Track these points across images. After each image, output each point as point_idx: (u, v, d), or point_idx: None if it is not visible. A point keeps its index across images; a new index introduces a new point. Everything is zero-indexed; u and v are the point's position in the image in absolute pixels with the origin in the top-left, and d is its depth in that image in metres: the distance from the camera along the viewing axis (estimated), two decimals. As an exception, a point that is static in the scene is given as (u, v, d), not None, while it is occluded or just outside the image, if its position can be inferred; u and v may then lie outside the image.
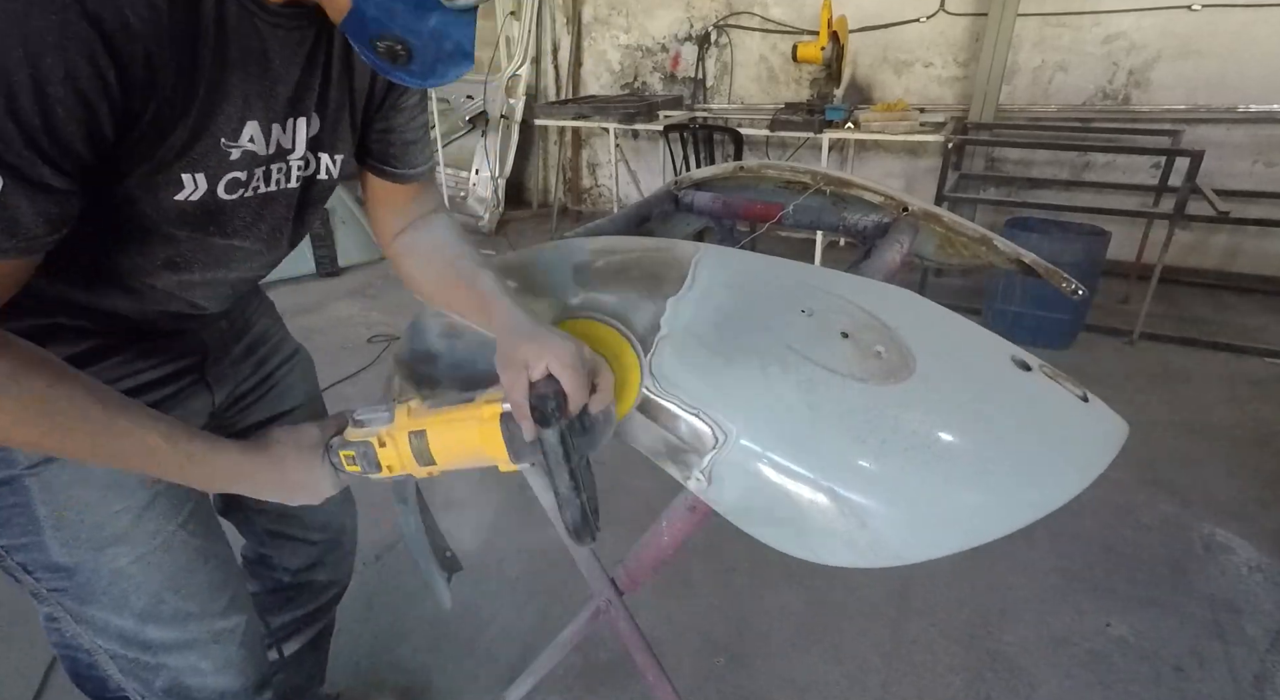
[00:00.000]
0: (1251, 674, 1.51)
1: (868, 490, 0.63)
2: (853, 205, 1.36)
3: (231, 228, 0.68)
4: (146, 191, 0.59)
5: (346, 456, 0.71)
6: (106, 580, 0.73)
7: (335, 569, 1.17)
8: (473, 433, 0.69)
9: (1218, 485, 2.11)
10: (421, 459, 0.70)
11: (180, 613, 0.78)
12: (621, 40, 4.84)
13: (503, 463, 0.69)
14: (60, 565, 0.72)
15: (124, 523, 0.72)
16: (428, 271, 0.86)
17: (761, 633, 1.64)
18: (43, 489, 0.68)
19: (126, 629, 0.76)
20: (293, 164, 0.70)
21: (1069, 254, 2.81)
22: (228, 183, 0.64)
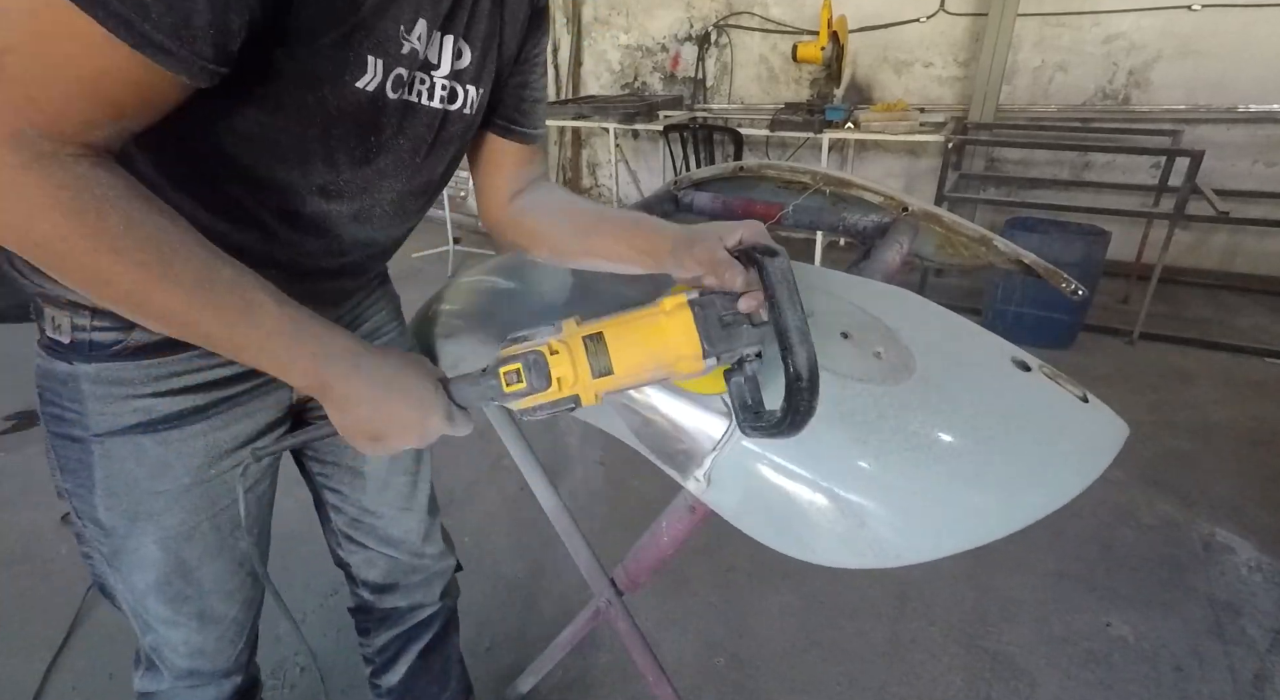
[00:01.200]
0: (1251, 674, 1.51)
1: (867, 491, 0.63)
2: (852, 205, 1.36)
3: (382, 138, 0.66)
4: (335, 68, 0.57)
5: (508, 372, 0.60)
6: (132, 547, 0.77)
7: (419, 592, 1.11)
8: (657, 326, 0.61)
9: (1218, 485, 2.11)
10: (598, 367, 0.60)
11: (180, 595, 0.81)
12: (621, 40, 4.84)
13: (690, 360, 0.60)
14: (100, 522, 0.76)
15: (159, 505, 0.75)
16: (563, 223, 0.84)
17: (761, 633, 1.64)
18: (103, 456, 0.72)
19: (135, 590, 0.80)
20: (437, 81, 0.68)
21: (1069, 254, 2.81)
22: (394, 79, 0.61)
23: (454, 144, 0.77)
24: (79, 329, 0.68)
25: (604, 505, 2.08)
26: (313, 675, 1.53)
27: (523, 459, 1.18)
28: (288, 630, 1.63)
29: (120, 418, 0.71)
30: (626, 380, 0.61)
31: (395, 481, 1.00)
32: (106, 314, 0.67)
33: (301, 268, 0.72)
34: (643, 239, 0.76)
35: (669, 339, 0.60)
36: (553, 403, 0.61)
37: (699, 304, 0.61)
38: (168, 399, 0.72)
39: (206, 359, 0.73)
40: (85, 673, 1.54)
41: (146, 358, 0.70)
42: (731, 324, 0.60)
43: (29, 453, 2.28)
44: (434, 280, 4.04)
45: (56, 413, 0.72)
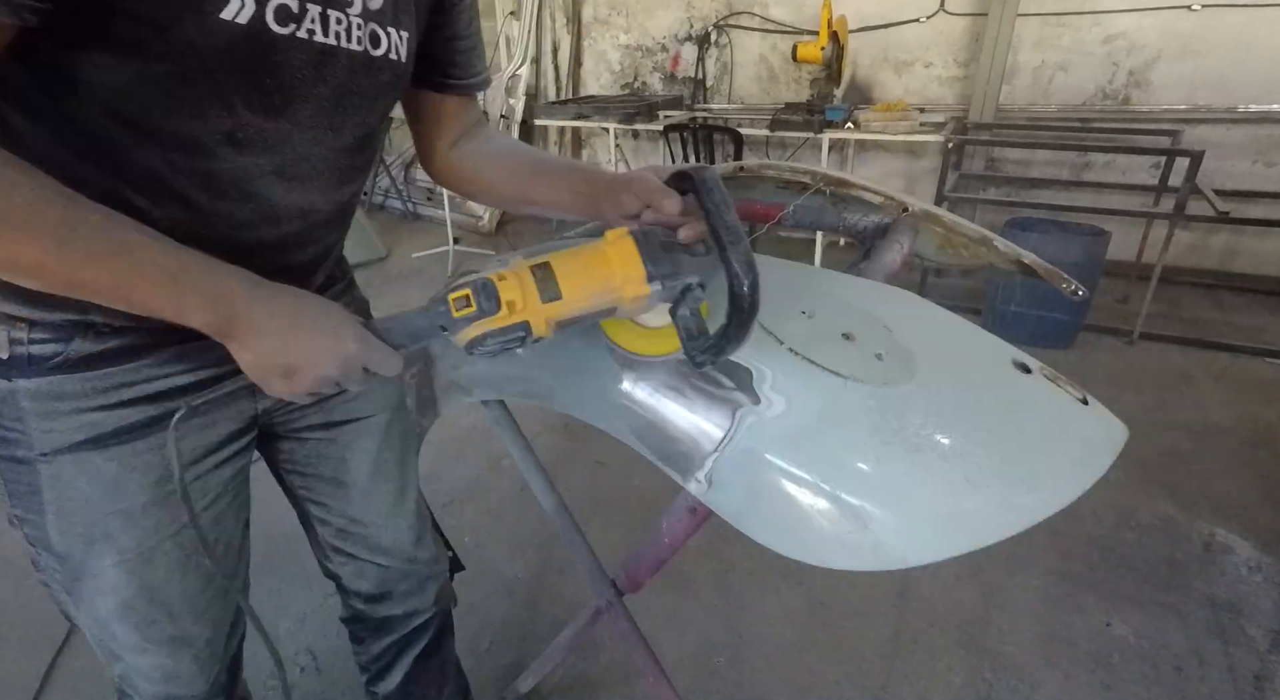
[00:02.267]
0: (1251, 674, 1.51)
1: (869, 493, 0.63)
2: (853, 206, 1.35)
3: (289, 81, 0.61)
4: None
5: (457, 298, 0.60)
6: (90, 573, 0.74)
7: (413, 598, 1.09)
8: (601, 254, 0.62)
9: (1218, 485, 2.11)
10: (546, 293, 0.60)
11: (146, 619, 0.78)
12: (621, 40, 4.84)
13: (635, 283, 0.62)
14: (53, 548, 0.72)
15: (116, 525, 0.72)
16: (502, 170, 0.85)
17: (761, 633, 1.64)
18: (52, 477, 0.69)
19: (99, 618, 0.77)
20: (352, 19, 0.63)
21: (1069, 254, 2.82)
22: (276, 8, 0.56)
23: (386, 94, 0.72)
24: (16, 343, 0.64)
25: (603, 506, 2.08)
26: (311, 677, 1.53)
27: (523, 459, 1.18)
28: (286, 631, 1.63)
29: (65, 435, 0.67)
30: (575, 305, 0.62)
31: (380, 489, 0.97)
32: (44, 325, 0.65)
33: (238, 243, 0.67)
34: (582, 183, 0.76)
35: (614, 265, 0.62)
36: (502, 330, 0.60)
37: (640, 233, 0.63)
38: (117, 412, 0.69)
39: (159, 368, 0.70)
40: (85, 673, 1.54)
41: (89, 369, 0.67)
42: (672, 251, 0.63)
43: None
44: (434, 280, 4.05)
45: (0, 433, 0.68)
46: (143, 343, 0.69)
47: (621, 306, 0.64)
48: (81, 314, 0.65)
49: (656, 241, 0.63)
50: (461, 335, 0.60)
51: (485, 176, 0.86)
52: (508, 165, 0.85)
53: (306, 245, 0.76)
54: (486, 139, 0.88)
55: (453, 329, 0.60)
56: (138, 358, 0.69)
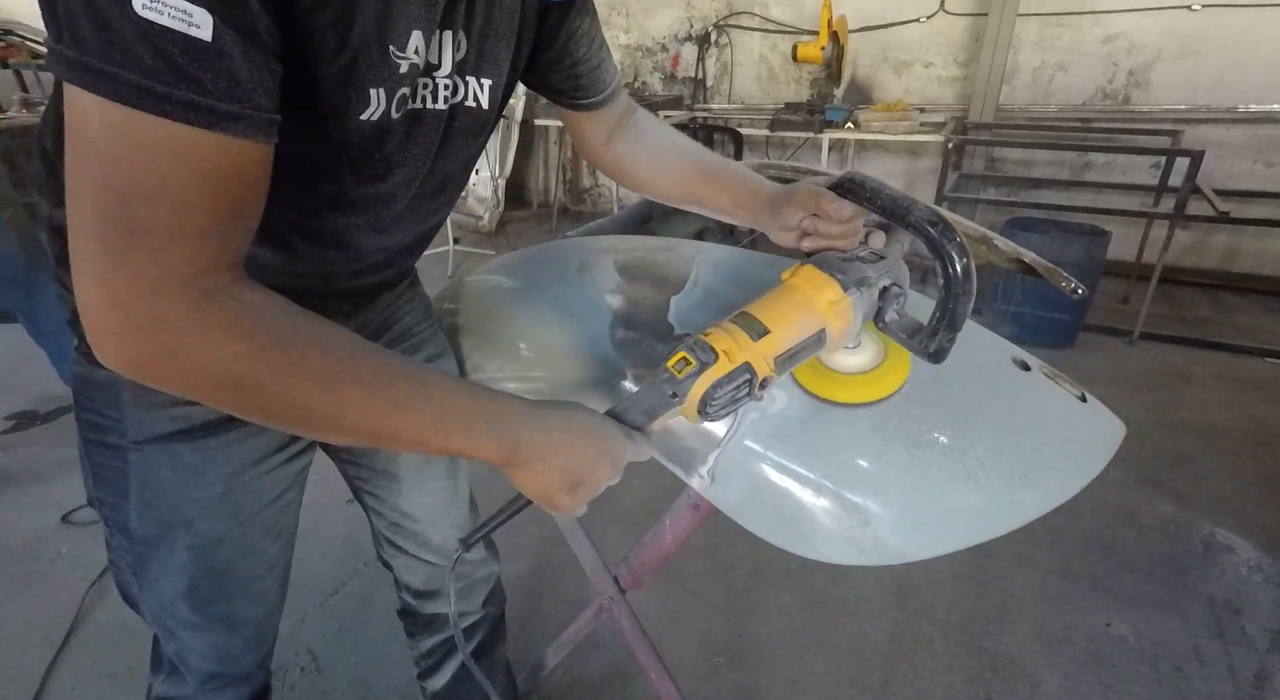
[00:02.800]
0: (1251, 674, 1.51)
1: (869, 490, 0.63)
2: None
3: (391, 153, 0.64)
4: (337, 103, 0.55)
5: (676, 363, 0.61)
6: (162, 557, 0.77)
7: (460, 601, 1.10)
8: (791, 287, 0.64)
9: (1218, 485, 2.11)
10: (753, 331, 0.61)
11: (208, 600, 0.81)
12: (621, 40, 4.84)
13: (835, 302, 0.62)
14: (132, 532, 0.75)
15: (193, 511, 0.75)
16: (663, 173, 0.88)
17: (761, 632, 1.64)
18: (140, 464, 0.72)
19: (163, 597, 0.80)
20: (439, 82, 0.65)
21: (1069, 254, 2.82)
22: (399, 99, 0.60)
23: (467, 139, 0.74)
24: None
25: (603, 504, 2.08)
26: (311, 677, 1.53)
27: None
28: (286, 631, 1.63)
29: (158, 425, 0.70)
30: (785, 336, 0.61)
31: (431, 486, 0.99)
32: None
33: (325, 275, 0.73)
34: (745, 194, 0.79)
35: (806, 290, 0.63)
36: (728, 377, 0.60)
37: (815, 259, 0.65)
38: (204, 407, 0.69)
39: None
40: (85, 673, 1.54)
41: None
42: (851, 260, 0.64)
43: (29, 452, 2.28)
44: (434, 281, 4.04)
45: (93, 419, 0.71)
46: None
47: (829, 327, 0.63)
48: None
49: (834, 258, 0.64)
50: (691, 395, 0.60)
51: (647, 175, 0.90)
52: (670, 165, 0.88)
53: (384, 270, 0.82)
54: (640, 136, 0.91)
55: (681, 391, 0.60)
56: None
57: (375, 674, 1.54)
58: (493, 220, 4.80)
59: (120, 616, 1.67)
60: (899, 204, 0.61)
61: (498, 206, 4.81)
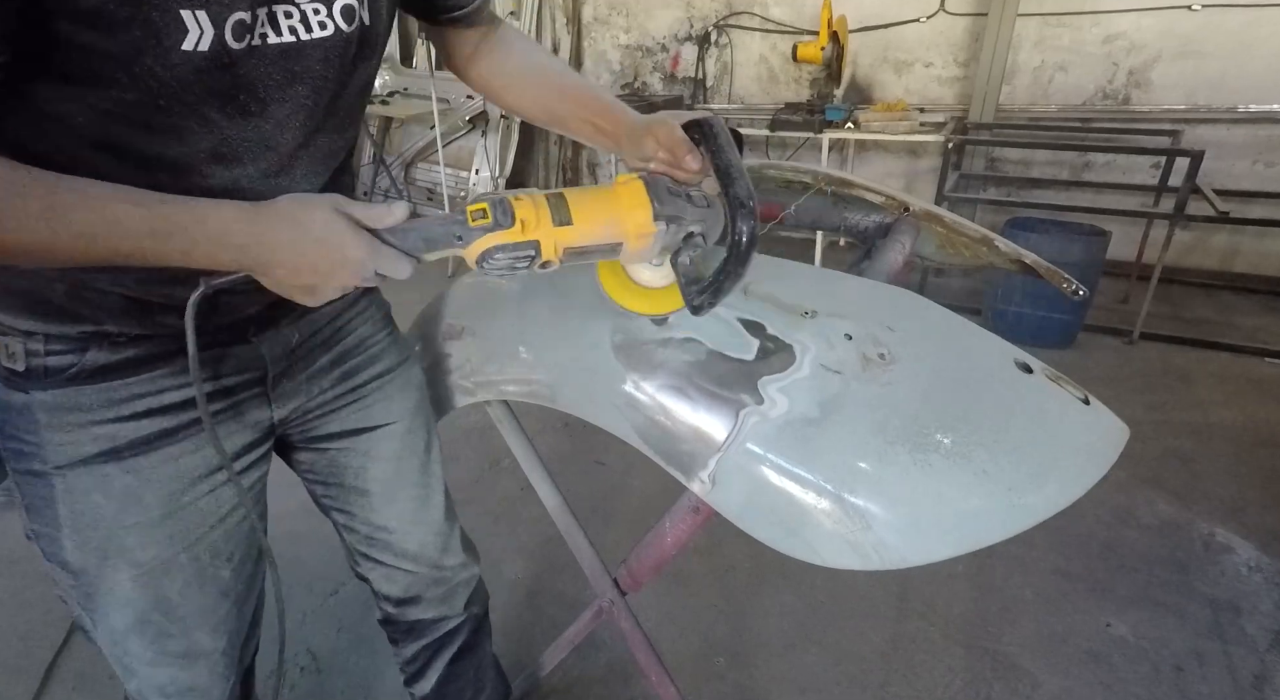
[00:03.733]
0: (1251, 674, 1.51)
1: (871, 494, 0.63)
2: (854, 205, 1.35)
3: (261, 89, 0.60)
4: (143, 37, 0.52)
5: (475, 210, 0.62)
6: (105, 588, 0.73)
7: (441, 605, 1.08)
8: (613, 193, 0.66)
9: (1218, 485, 2.11)
10: (558, 216, 0.63)
11: (162, 633, 0.77)
12: (621, 40, 4.84)
13: (643, 222, 0.66)
14: (69, 564, 0.72)
15: (131, 539, 0.71)
16: (526, 89, 0.88)
17: (761, 633, 1.64)
18: (66, 491, 0.68)
19: (114, 631, 0.76)
20: (306, 8, 0.61)
21: (1069, 254, 2.81)
22: (233, 25, 0.55)
23: (362, 66, 0.70)
24: (33, 354, 0.64)
25: (603, 505, 2.08)
26: (311, 677, 1.53)
27: (525, 457, 1.18)
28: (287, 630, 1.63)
29: (80, 447, 0.67)
30: (584, 234, 0.64)
31: (403, 495, 0.97)
32: (61, 337, 0.65)
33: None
34: (606, 120, 0.79)
35: (623, 202, 0.66)
36: (514, 246, 0.62)
37: (649, 178, 0.68)
38: (131, 423, 0.68)
39: (172, 379, 0.69)
40: (85, 673, 1.54)
41: (104, 380, 0.66)
42: (677, 195, 0.67)
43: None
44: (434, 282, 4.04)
45: (16, 447, 0.68)
46: (158, 351, 0.69)
47: (627, 243, 0.66)
48: (97, 325, 0.66)
49: (664, 187, 0.67)
50: (474, 246, 0.62)
51: (513, 95, 0.88)
52: (535, 84, 0.87)
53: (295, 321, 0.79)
54: (506, 53, 0.88)
55: (467, 238, 0.62)
56: (153, 368, 0.68)
57: (375, 674, 1.54)
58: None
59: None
60: (730, 170, 0.63)
61: (497, 206, 4.80)
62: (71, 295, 0.64)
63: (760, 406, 0.68)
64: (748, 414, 0.69)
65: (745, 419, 0.69)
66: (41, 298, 0.64)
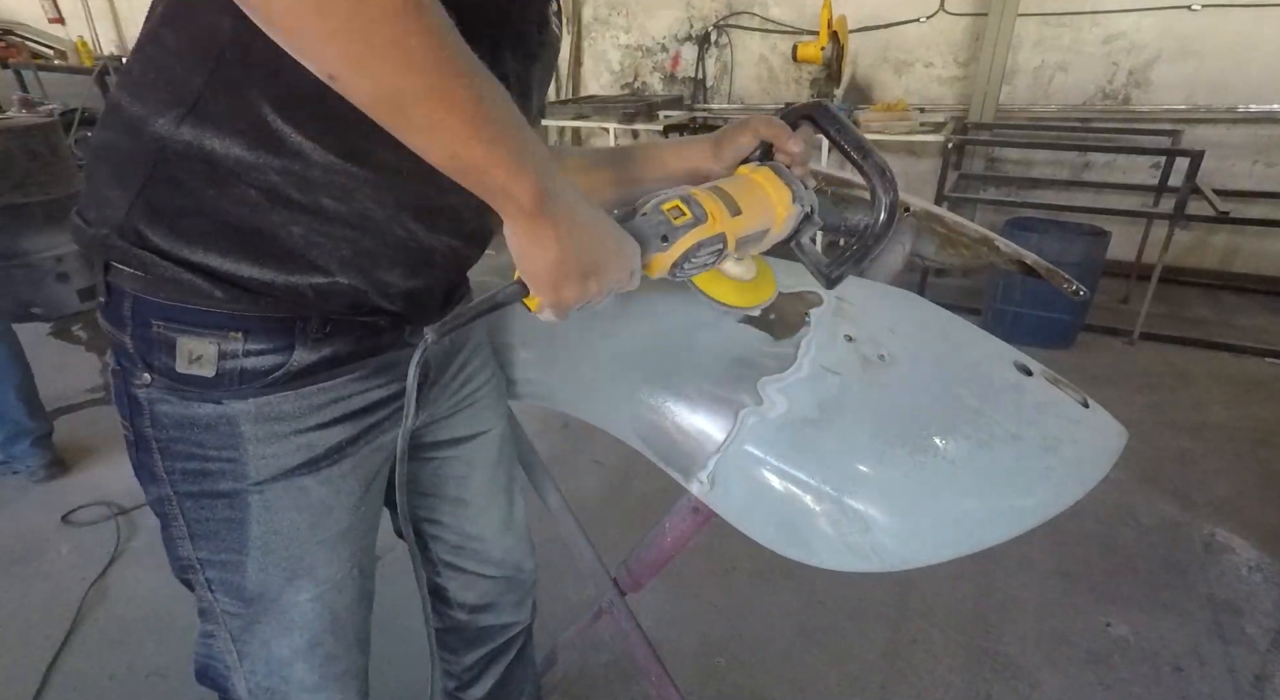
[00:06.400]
0: (1251, 674, 1.51)
1: (870, 496, 0.63)
2: (854, 206, 1.35)
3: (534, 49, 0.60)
4: None
5: (671, 208, 0.60)
6: (282, 610, 0.68)
7: (514, 611, 1.07)
8: (752, 181, 0.67)
9: (1218, 485, 2.11)
10: (731, 207, 0.63)
11: (330, 655, 0.74)
12: (621, 40, 4.84)
13: (785, 204, 0.67)
14: (245, 592, 0.66)
15: (320, 555, 0.68)
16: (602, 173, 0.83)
17: (761, 633, 1.64)
18: (263, 508, 0.63)
19: (277, 660, 0.71)
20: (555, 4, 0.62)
21: (1069, 254, 2.82)
22: None
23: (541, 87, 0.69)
24: (228, 356, 0.57)
25: (603, 506, 2.08)
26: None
27: (525, 458, 1.18)
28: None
29: (283, 459, 0.62)
30: (750, 221, 0.65)
31: (496, 502, 0.95)
32: (264, 335, 0.58)
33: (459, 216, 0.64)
34: (685, 149, 0.76)
35: (766, 188, 0.67)
36: (710, 239, 0.61)
37: (771, 164, 0.69)
38: (329, 430, 0.64)
39: (363, 382, 0.66)
40: (85, 673, 1.54)
41: (307, 384, 0.61)
42: (794, 179, 0.68)
43: (29, 453, 2.28)
44: (434, 280, 4.04)
45: (196, 467, 0.61)
46: (347, 351, 0.64)
47: (774, 228, 0.68)
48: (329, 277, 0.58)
49: (786, 170, 0.69)
50: (678, 245, 0.59)
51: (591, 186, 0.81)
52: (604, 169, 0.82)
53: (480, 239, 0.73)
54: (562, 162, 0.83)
55: (672, 237, 0.59)
56: (346, 370, 0.64)
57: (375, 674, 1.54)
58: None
59: (120, 616, 1.67)
60: (862, 144, 0.65)
61: (497, 206, 4.81)
62: (309, 239, 0.56)
63: (760, 407, 0.68)
64: (747, 415, 0.69)
65: (744, 420, 0.69)
66: (270, 235, 0.55)
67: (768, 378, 0.71)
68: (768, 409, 0.69)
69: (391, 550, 1.87)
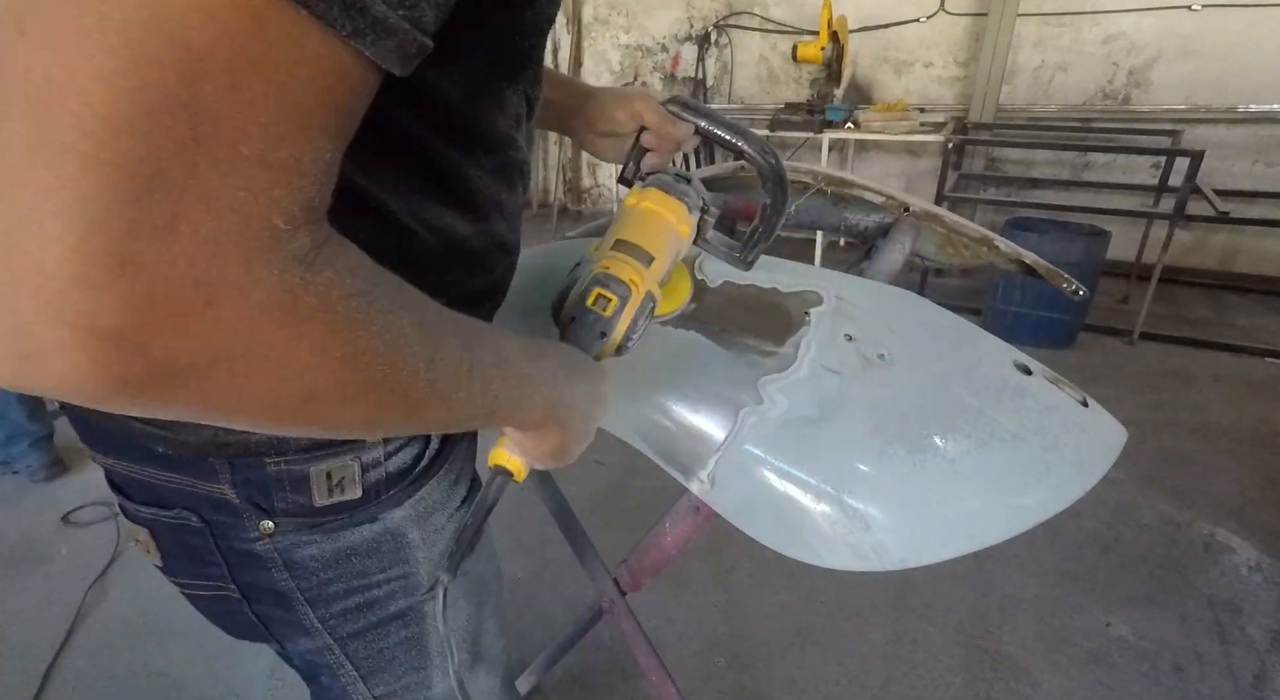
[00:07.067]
0: (1251, 674, 1.51)
1: (870, 495, 0.63)
2: (854, 205, 1.35)
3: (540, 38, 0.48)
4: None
5: (595, 300, 0.55)
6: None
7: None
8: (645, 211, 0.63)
9: (1218, 485, 2.11)
10: (641, 258, 0.59)
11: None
12: (621, 40, 4.84)
13: (683, 222, 0.64)
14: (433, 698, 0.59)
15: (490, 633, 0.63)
16: None
17: (762, 633, 1.64)
18: (433, 610, 0.51)
19: None
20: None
21: (1069, 254, 2.82)
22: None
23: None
24: (371, 467, 0.48)
25: (603, 505, 2.08)
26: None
27: (524, 459, 1.18)
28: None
29: (442, 544, 0.55)
30: (665, 261, 0.62)
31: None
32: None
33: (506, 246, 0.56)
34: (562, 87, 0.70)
35: (666, 217, 0.64)
36: (640, 308, 0.58)
37: (654, 181, 0.66)
38: (460, 511, 0.57)
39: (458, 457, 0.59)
40: (85, 673, 1.54)
41: (442, 464, 0.54)
42: (678, 183, 0.66)
43: (29, 453, 2.28)
44: (434, 280, 4.05)
45: (359, 602, 0.52)
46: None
47: (681, 248, 0.65)
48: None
49: (669, 180, 0.66)
50: (616, 333, 0.56)
51: None
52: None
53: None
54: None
55: (610, 329, 0.56)
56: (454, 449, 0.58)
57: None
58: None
59: (120, 616, 1.67)
60: (734, 124, 0.64)
61: (497, 206, 4.81)
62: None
63: (760, 406, 0.68)
64: (747, 414, 0.69)
65: (744, 419, 0.69)
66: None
67: (768, 377, 0.70)
68: (768, 408, 0.69)
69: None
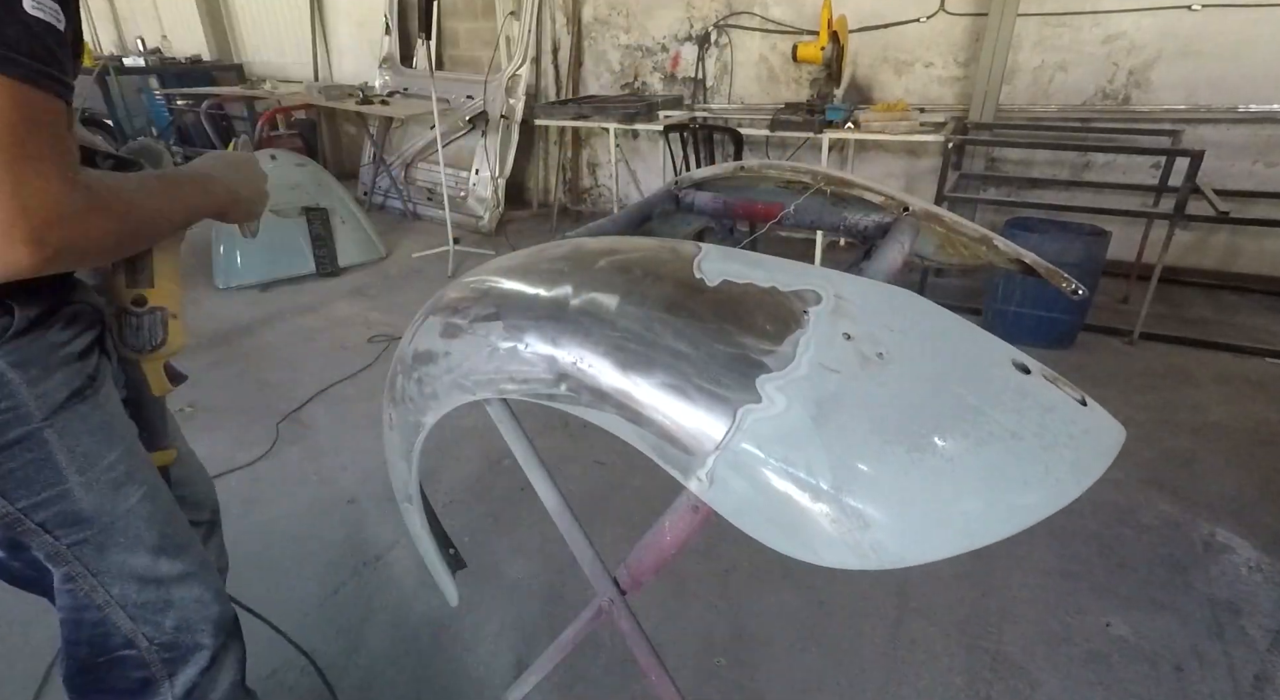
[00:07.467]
0: (1251, 674, 1.51)
1: (868, 493, 0.63)
2: (853, 205, 1.36)
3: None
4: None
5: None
6: (124, 520, 0.77)
7: (219, 554, 1.17)
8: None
9: (1218, 485, 2.11)
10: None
11: (181, 543, 0.84)
12: (621, 40, 4.84)
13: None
14: (82, 514, 0.74)
15: (125, 465, 0.78)
16: None
17: (761, 633, 1.64)
18: (60, 437, 0.71)
19: (141, 567, 0.80)
20: None
21: (1069, 254, 2.82)
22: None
23: None
24: None
25: (603, 505, 2.08)
26: (312, 677, 1.53)
27: (525, 457, 1.18)
28: (286, 631, 1.63)
29: (55, 393, 0.71)
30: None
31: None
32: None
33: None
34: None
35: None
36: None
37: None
38: (73, 367, 0.74)
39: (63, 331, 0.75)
40: (86, 673, 1.54)
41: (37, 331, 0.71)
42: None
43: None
44: (435, 280, 4.04)
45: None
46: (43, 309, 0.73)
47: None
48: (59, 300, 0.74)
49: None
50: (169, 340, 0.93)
51: None
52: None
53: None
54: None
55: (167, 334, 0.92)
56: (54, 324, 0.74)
57: (375, 674, 1.54)
58: (492, 220, 4.80)
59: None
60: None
61: (497, 207, 4.81)
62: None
63: (758, 405, 0.68)
64: (745, 413, 0.69)
65: (743, 418, 0.69)
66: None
67: (766, 376, 0.70)
68: (766, 407, 0.69)
69: (392, 548, 1.87)
